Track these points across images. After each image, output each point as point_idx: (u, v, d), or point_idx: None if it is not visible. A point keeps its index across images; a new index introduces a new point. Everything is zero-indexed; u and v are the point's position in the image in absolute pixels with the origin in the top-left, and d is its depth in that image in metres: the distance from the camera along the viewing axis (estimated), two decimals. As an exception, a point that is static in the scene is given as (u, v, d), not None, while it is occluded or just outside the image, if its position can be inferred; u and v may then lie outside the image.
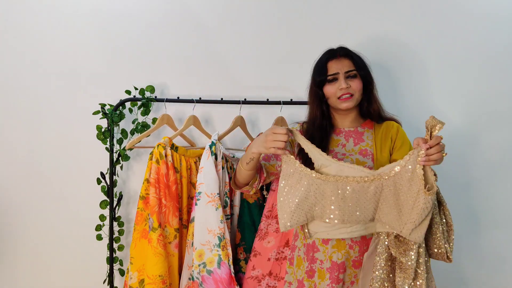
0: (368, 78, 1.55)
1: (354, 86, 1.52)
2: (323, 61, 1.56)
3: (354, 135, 1.57)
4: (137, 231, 1.74)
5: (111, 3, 2.08)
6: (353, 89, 1.52)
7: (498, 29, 2.05)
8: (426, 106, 2.05)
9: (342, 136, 1.57)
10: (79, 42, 2.08)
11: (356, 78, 1.52)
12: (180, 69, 2.09)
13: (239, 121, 1.96)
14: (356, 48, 1.60)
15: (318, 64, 1.58)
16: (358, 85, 1.52)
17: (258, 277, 1.71)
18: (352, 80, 1.52)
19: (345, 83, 1.50)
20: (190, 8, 2.09)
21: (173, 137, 1.84)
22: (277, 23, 2.09)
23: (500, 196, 2.07)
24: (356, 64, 1.54)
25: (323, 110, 1.57)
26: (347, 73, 1.52)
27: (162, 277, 1.66)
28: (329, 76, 1.52)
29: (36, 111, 2.09)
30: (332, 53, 1.57)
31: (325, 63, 1.55)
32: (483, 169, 2.07)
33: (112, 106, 1.97)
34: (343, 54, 1.55)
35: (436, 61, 2.06)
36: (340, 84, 1.50)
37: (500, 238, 2.07)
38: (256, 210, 1.81)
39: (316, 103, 1.58)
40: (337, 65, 1.53)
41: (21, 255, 2.10)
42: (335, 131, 1.59)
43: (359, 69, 1.53)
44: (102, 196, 1.99)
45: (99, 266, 2.04)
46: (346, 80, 1.51)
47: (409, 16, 2.06)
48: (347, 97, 1.51)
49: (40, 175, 2.09)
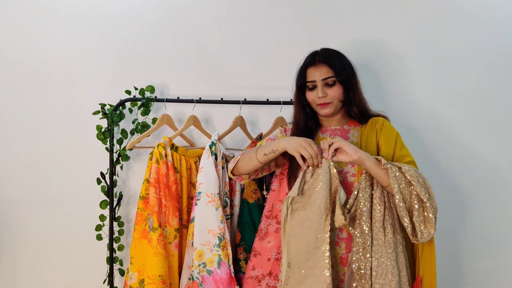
0: (348, 83, 1.55)
1: (332, 94, 1.54)
2: (303, 67, 1.59)
3: (340, 133, 1.61)
4: (137, 231, 1.74)
5: (111, 3, 2.08)
6: (330, 97, 1.54)
7: (481, 29, 2.08)
8: (411, 105, 2.08)
9: (327, 135, 1.62)
10: (79, 42, 2.08)
11: (334, 85, 1.54)
12: (180, 69, 2.09)
13: (239, 121, 1.96)
14: (349, 47, 1.61)
15: (299, 70, 1.61)
16: (336, 93, 1.54)
17: (258, 277, 1.70)
18: (330, 88, 1.54)
19: (321, 91, 1.53)
20: (190, 8, 2.09)
21: (173, 137, 1.84)
22: (277, 23, 2.09)
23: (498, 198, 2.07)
24: (336, 69, 1.53)
25: (306, 112, 1.62)
26: (325, 81, 1.53)
27: (162, 277, 1.66)
28: (308, 83, 1.56)
29: (36, 111, 2.09)
30: (312, 58, 1.58)
31: (304, 69, 1.58)
32: (481, 171, 2.08)
33: (112, 106, 1.97)
34: (322, 60, 1.55)
35: (420, 61, 2.08)
36: (317, 92, 1.53)
37: (500, 237, 2.08)
38: (256, 210, 1.81)
39: (299, 106, 1.62)
40: (315, 73, 1.55)
41: (21, 255, 2.10)
42: (321, 129, 1.63)
43: (338, 75, 1.53)
44: (102, 196, 1.99)
45: (99, 266, 2.04)
46: (323, 88, 1.53)
47: (397, 18, 2.09)
48: (324, 105, 1.54)
49: (40, 175, 2.09)
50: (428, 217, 1.38)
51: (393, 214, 1.45)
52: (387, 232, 1.42)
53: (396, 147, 1.52)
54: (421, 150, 2.06)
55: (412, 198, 1.39)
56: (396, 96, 2.08)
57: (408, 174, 1.39)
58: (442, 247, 2.04)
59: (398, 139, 1.54)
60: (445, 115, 2.08)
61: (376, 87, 2.06)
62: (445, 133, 2.08)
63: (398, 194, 1.38)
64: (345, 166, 1.55)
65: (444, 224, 2.07)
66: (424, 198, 1.37)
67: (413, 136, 2.06)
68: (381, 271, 1.38)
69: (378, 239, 1.40)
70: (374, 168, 1.42)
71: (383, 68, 2.08)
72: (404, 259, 1.44)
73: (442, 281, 1.81)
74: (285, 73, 2.05)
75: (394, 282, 1.38)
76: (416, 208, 1.38)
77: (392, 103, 2.06)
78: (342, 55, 1.60)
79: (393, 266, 1.39)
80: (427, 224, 1.39)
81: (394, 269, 1.39)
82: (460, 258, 2.08)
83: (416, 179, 1.38)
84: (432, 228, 1.38)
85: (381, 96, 2.06)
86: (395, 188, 1.38)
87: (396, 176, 1.39)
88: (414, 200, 1.39)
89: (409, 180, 1.39)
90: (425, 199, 1.37)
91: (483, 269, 2.08)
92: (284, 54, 2.08)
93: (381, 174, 1.41)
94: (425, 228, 1.39)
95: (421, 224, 1.38)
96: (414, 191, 1.39)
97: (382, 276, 1.38)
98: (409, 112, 2.07)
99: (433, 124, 2.07)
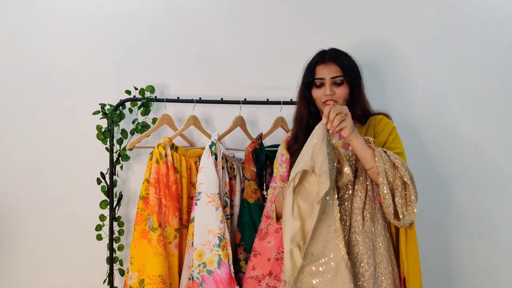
0: (354, 84, 1.56)
1: (339, 93, 1.54)
2: (312, 64, 1.59)
3: None
4: (137, 231, 1.74)
5: (112, 4, 2.08)
6: (337, 96, 1.54)
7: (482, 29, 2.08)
8: (412, 104, 2.08)
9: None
10: (79, 42, 2.08)
11: (342, 85, 1.54)
12: (180, 69, 2.09)
13: (239, 121, 1.96)
14: (350, 48, 1.61)
15: (308, 66, 1.61)
16: (342, 92, 1.54)
17: (258, 277, 1.70)
18: (338, 87, 1.54)
19: (330, 89, 1.53)
20: (190, 8, 2.09)
21: (173, 137, 1.84)
22: (277, 23, 2.09)
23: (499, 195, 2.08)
24: (345, 69, 1.54)
25: (310, 110, 1.62)
26: (333, 79, 1.54)
27: (162, 277, 1.66)
28: (316, 80, 1.56)
29: (36, 111, 2.09)
30: (322, 56, 1.58)
31: (313, 67, 1.58)
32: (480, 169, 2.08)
33: (112, 106, 1.97)
34: (331, 59, 1.56)
35: (421, 61, 2.08)
36: (325, 90, 1.53)
37: (502, 234, 2.08)
38: (256, 210, 1.81)
39: (303, 103, 1.62)
40: (324, 70, 1.55)
41: (21, 255, 2.10)
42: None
43: (346, 75, 1.54)
44: (102, 196, 1.99)
45: (99, 266, 2.04)
46: (331, 87, 1.54)
47: (398, 18, 2.09)
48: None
49: (40, 175, 2.09)
50: (411, 199, 1.38)
51: (374, 204, 1.45)
52: (366, 220, 1.41)
53: (389, 138, 1.53)
54: (422, 150, 2.06)
55: (396, 180, 1.38)
56: (396, 96, 2.08)
57: (393, 157, 1.39)
58: (436, 246, 2.06)
59: (393, 131, 1.55)
60: (446, 115, 2.08)
61: (377, 87, 2.06)
62: (446, 133, 2.08)
63: (382, 174, 1.36)
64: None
65: (444, 224, 2.08)
66: (408, 181, 1.36)
67: (413, 135, 2.06)
68: (354, 260, 1.38)
69: (355, 227, 1.40)
70: (361, 147, 1.39)
71: (384, 68, 2.08)
72: (385, 251, 1.42)
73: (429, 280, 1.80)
74: (285, 73, 2.06)
75: (368, 273, 1.37)
76: (399, 190, 1.38)
77: (392, 103, 2.06)
78: (350, 56, 1.61)
79: (369, 256, 1.38)
80: (408, 207, 1.38)
81: (369, 259, 1.38)
82: (460, 259, 2.08)
83: (400, 163, 1.38)
84: (413, 212, 1.38)
85: (382, 96, 2.06)
86: (380, 167, 1.36)
87: (381, 156, 1.38)
88: (398, 182, 1.38)
89: (394, 162, 1.38)
90: (409, 182, 1.36)
91: (474, 268, 2.07)
92: (284, 54, 2.08)
93: (367, 155, 1.39)
94: (406, 210, 1.38)
95: (403, 206, 1.37)
96: (398, 173, 1.38)
97: (355, 264, 1.37)
98: (409, 112, 2.07)
99: (433, 124, 2.07)
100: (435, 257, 2.04)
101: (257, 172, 1.82)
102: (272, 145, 1.96)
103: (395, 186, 1.38)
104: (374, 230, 1.42)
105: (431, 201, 2.04)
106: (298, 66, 1.65)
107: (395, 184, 1.38)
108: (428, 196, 1.99)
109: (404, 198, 1.38)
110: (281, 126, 1.99)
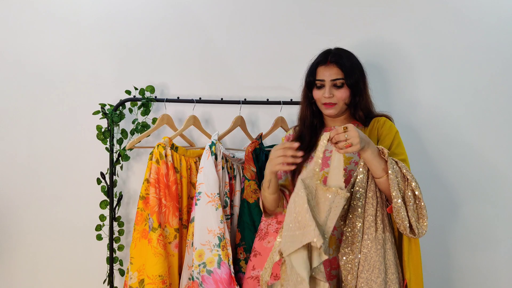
0: (356, 87, 1.54)
1: (339, 95, 1.53)
2: (314, 65, 1.58)
3: None
4: (137, 231, 1.74)
5: (112, 4, 2.08)
6: (336, 99, 1.53)
7: (484, 30, 2.07)
8: (414, 105, 2.08)
9: None
10: (79, 42, 2.08)
11: (342, 87, 1.53)
12: (180, 69, 2.09)
13: (239, 121, 1.96)
14: (351, 48, 1.61)
15: (310, 66, 1.60)
16: (342, 95, 1.53)
17: (258, 277, 1.70)
18: (338, 89, 1.53)
19: (329, 92, 1.52)
20: (190, 8, 2.09)
21: (173, 137, 1.84)
22: (277, 23, 2.09)
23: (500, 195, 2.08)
24: (346, 72, 1.53)
25: (313, 110, 1.62)
26: (333, 81, 1.53)
27: (162, 277, 1.66)
28: (316, 81, 1.55)
29: (36, 111, 2.09)
30: (324, 57, 1.57)
31: (315, 67, 1.57)
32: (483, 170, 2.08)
33: (112, 106, 1.97)
34: (333, 61, 1.54)
35: (423, 61, 2.07)
36: (324, 92, 1.53)
37: (504, 238, 2.08)
38: (256, 210, 1.81)
39: (306, 103, 1.62)
40: (325, 72, 1.54)
41: (21, 255, 2.10)
42: (325, 129, 1.62)
43: (347, 78, 1.52)
44: (102, 196, 1.99)
45: (99, 266, 2.04)
46: (331, 89, 1.53)
47: (400, 19, 2.08)
48: (330, 106, 1.54)
49: (40, 175, 2.09)
50: (422, 213, 1.38)
51: (383, 210, 1.45)
52: (378, 227, 1.41)
53: (393, 143, 1.52)
54: (423, 150, 2.06)
55: (407, 191, 1.37)
56: (399, 96, 2.07)
57: (404, 169, 1.38)
58: (436, 251, 2.05)
59: (396, 137, 1.53)
60: (448, 115, 2.07)
61: (379, 87, 2.04)
62: (448, 133, 2.07)
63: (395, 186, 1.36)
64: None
65: (444, 225, 2.07)
66: (420, 195, 1.36)
67: (415, 136, 2.05)
68: (367, 266, 1.38)
69: (368, 234, 1.40)
70: (374, 158, 1.37)
71: (386, 68, 2.08)
72: (392, 257, 1.42)
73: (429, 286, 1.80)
74: (285, 73, 2.06)
75: (380, 279, 1.37)
76: (411, 204, 1.37)
77: (395, 103, 2.05)
78: (354, 57, 1.59)
79: (381, 263, 1.38)
80: (419, 220, 1.38)
81: (381, 265, 1.38)
82: (461, 264, 2.08)
83: (411, 176, 1.37)
84: (425, 226, 1.38)
85: (384, 96, 2.05)
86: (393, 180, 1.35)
87: (393, 168, 1.37)
88: (409, 194, 1.37)
89: (404, 174, 1.38)
90: (420, 196, 1.36)
91: (475, 272, 2.07)
92: (284, 54, 2.07)
93: (378, 165, 1.37)
94: (418, 224, 1.38)
95: (416, 220, 1.38)
96: (410, 186, 1.37)
97: (368, 271, 1.37)
98: (412, 112, 2.06)
99: (435, 124, 2.06)
100: (435, 262, 2.04)
101: (257, 172, 1.82)
102: (272, 145, 1.95)
103: (406, 199, 1.38)
104: (384, 237, 1.42)
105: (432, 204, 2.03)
106: (299, 66, 1.65)
107: (406, 197, 1.38)
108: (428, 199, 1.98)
109: (416, 212, 1.38)
110: (281, 126, 1.99)
